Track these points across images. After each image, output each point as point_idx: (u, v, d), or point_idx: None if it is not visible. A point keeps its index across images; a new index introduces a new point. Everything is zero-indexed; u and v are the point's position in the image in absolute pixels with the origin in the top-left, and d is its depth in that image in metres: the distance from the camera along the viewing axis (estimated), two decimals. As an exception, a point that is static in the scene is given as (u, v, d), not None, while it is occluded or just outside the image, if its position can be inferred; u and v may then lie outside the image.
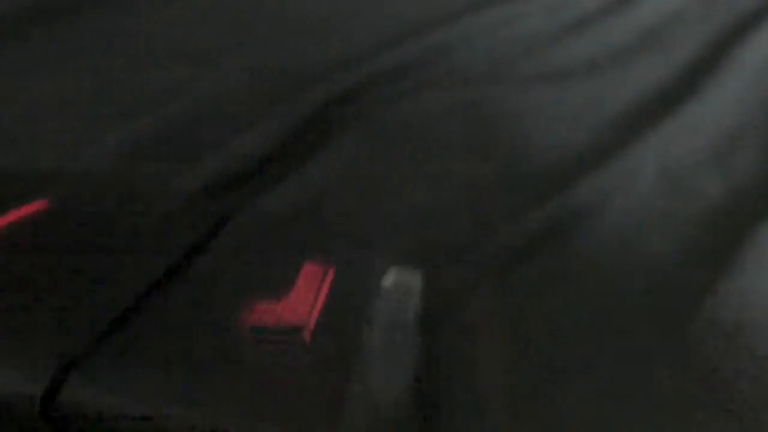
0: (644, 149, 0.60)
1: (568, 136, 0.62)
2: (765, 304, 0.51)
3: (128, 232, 0.50)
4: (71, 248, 0.50)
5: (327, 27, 0.70)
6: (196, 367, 0.42)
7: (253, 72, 0.66)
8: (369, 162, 0.59)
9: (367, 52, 0.67)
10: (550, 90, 0.65)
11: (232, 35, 0.69)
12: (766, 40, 0.68)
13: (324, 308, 0.44)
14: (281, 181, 0.56)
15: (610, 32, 0.70)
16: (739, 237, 0.54)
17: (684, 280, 0.53)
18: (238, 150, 0.59)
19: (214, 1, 0.72)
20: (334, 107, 0.63)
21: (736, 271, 0.52)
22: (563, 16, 0.71)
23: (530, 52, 0.68)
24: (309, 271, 0.46)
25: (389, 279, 0.45)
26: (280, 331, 0.43)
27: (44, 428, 0.41)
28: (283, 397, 0.41)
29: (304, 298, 0.45)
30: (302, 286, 0.46)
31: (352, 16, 0.71)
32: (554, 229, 0.52)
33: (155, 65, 0.66)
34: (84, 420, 0.40)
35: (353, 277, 0.46)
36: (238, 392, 0.40)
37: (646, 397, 0.46)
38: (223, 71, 0.65)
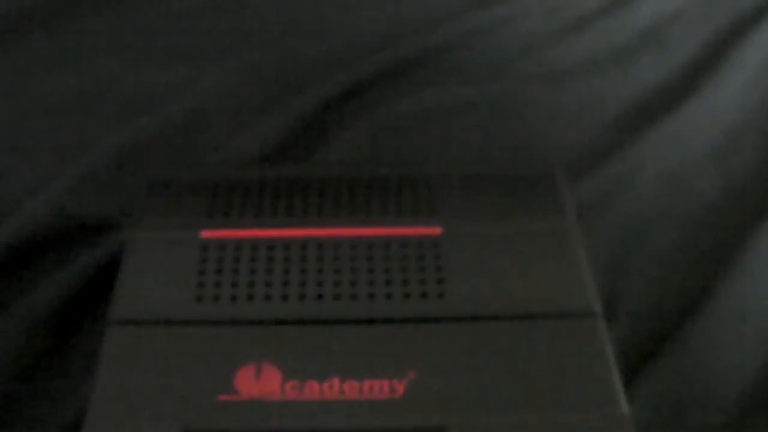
0: (644, 149, 0.60)
1: (568, 136, 0.62)
2: (765, 304, 0.51)
3: None
4: None
5: (327, 26, 0.70)
6: None
7: (253, 72, 0.66)
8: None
9: (366, 51, 0.67)
10: (550, 90, 0.65)
11: (232, 35, 0.69)
12: (766, 40, 0.68)
13: None
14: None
15: (610, 32, 0.70)
16: (739, 237, 0.54)
17: (684, 280, 0.53)
18: (238, 150, 0.59)
19: (214, 1, 0.72)
20: (334, 107, 0.63)
21: (736, 271, 0.52)
22: (563, 16, 0.71)
23: (530, 52, 0.68)
24: None
25: None
26: None
27: None
28: None
29: None
30: None
31: (351, 16, 0.71)
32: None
33: (155, 65, 0.66)
34: None
35: None
36: None
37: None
38: (223, 71, 0.65)
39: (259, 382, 0.38)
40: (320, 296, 0.42)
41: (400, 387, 0.38)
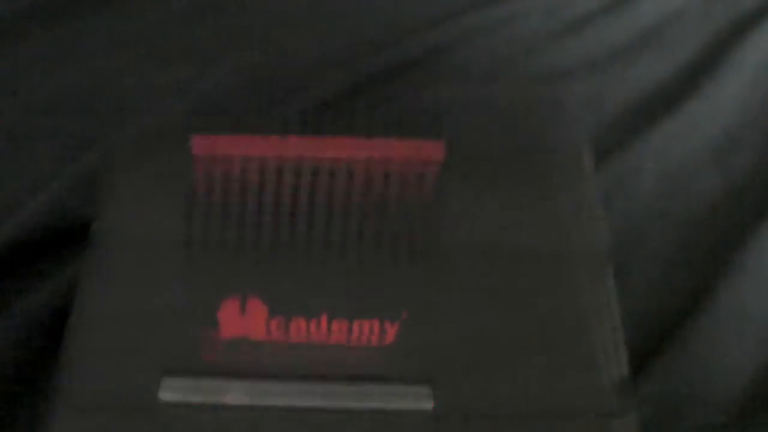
0: (644, 149, 0.60)
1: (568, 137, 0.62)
2: (765, 304, 0.51)
3: None
4: None
5: (327, 26, 0.70)
6: None
7: (253, 71, 0.66)
8: None
9: (366, 51, 0.67)
10: (550, 90, 0.65)
11: (232, 35, 0.69)
12: (766, 40, 0.68)
13: None
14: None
15: (610, 31, 0.70)
16: (739, 237, 0.54)
17: (684, 280, 0.53)
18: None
19: (214, 1, 0.72)
20: (334, 106, 0.63)
21: (736, 271, 0.52)
22: (563, 16, 0.71)
23: (530, 52, 0.68)
24: None
25: None
26: None
27: None
28: None
29: None
30: None
31: (351, 16, 0.71)
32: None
33: (155, 65, 0.66)
34: None
35: None
36: None
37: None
38: (223, 71, 0.65)
39: (244, 319, 0.37)
40: (311, 225, 0.40)
41: (392, 330, 0.37)
